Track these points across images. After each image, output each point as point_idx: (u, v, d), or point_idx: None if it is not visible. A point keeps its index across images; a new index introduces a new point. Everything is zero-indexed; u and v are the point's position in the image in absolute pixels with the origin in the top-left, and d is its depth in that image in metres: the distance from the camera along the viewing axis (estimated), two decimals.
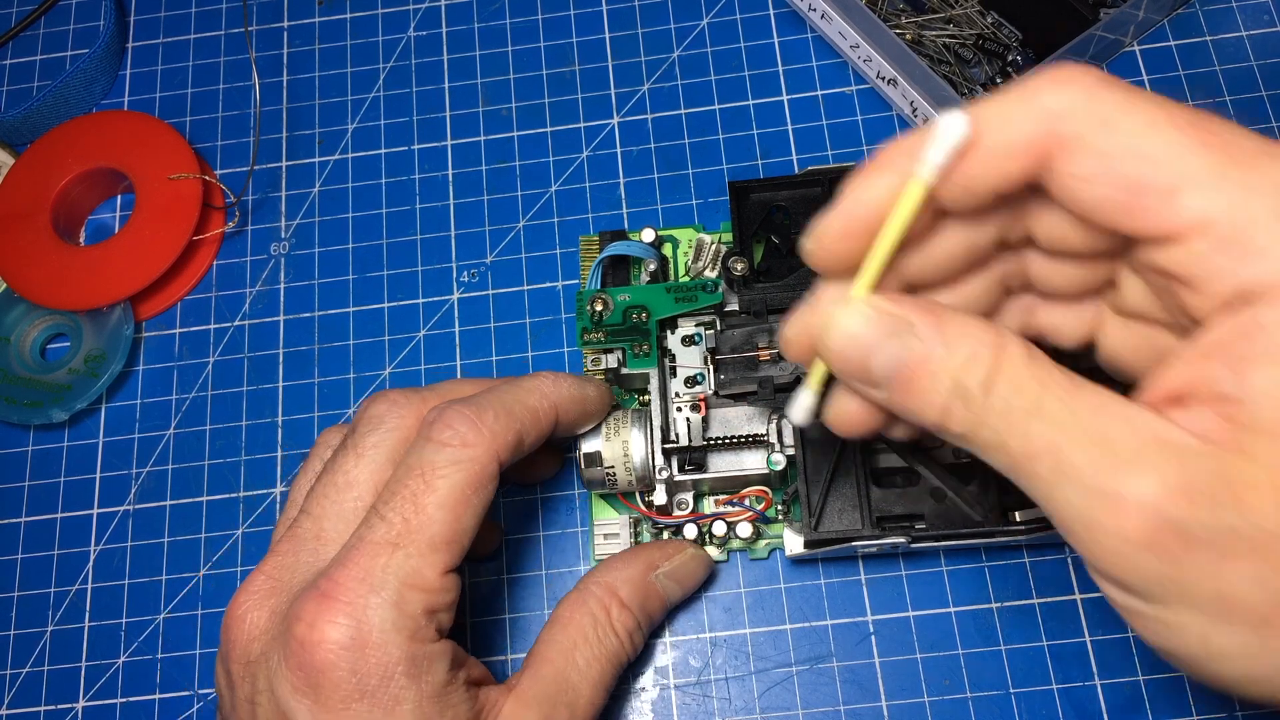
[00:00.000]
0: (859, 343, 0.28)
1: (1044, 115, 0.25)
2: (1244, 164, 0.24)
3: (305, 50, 0.54)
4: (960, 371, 0.26)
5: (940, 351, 0.27)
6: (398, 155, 0.51)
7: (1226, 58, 0.49)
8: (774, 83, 0.50)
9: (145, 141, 0.50)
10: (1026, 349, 0.27)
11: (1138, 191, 0.24)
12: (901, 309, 0.27)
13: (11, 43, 0.56)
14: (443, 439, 0.34)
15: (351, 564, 0.33)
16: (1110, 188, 0.25)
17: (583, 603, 0.38)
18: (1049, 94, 0.25)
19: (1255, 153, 0.24)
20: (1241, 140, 0.24)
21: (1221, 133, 0.24)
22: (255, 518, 0.46)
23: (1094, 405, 0.25)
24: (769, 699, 0.41)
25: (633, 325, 0.42)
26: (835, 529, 0.38)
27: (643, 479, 0.40)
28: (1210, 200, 0.24)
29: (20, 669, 0.45)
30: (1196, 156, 0.24)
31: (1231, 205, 0.24)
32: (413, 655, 0.32)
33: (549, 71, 0.52)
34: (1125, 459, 0.25)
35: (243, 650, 0.34)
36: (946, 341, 0.27)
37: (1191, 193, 0.24)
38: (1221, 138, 0.24)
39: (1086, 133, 0.25)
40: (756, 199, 0.43)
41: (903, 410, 0.28)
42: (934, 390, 0.27)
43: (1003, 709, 0.40)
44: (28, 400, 0.47)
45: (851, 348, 0.28)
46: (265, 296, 0.49)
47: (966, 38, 0.48)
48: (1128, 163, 0.24)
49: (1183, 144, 0.24)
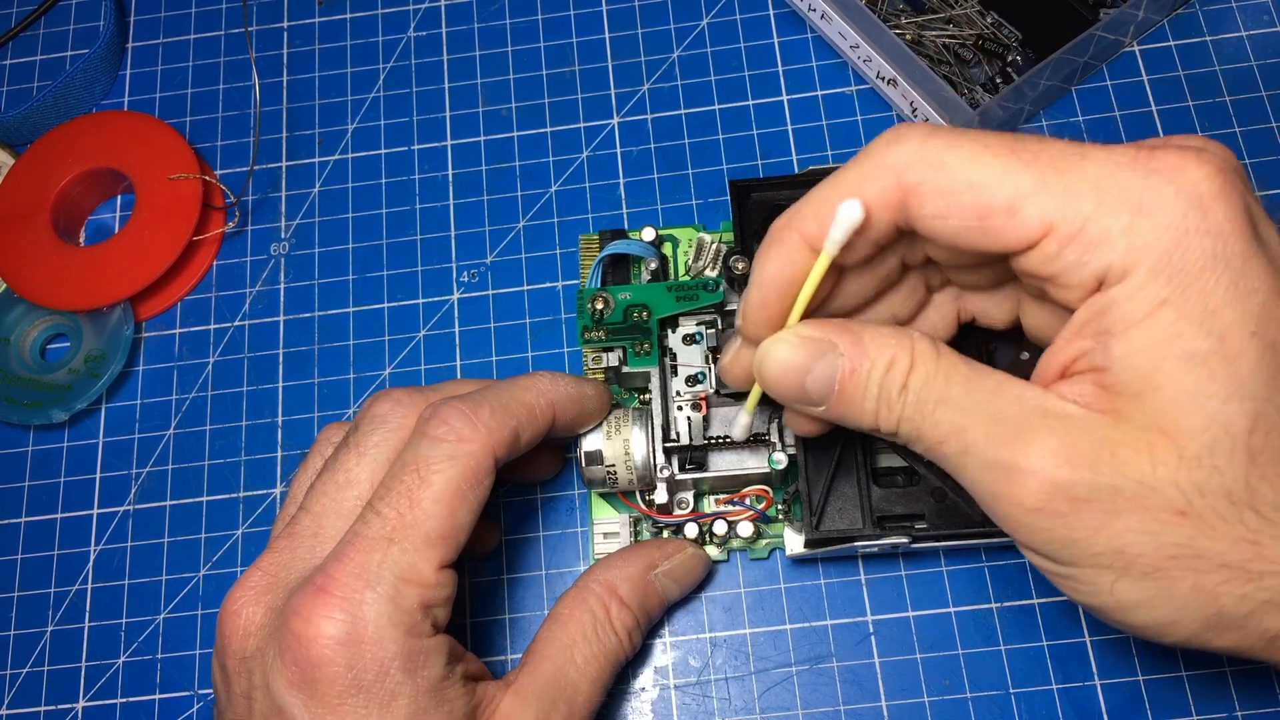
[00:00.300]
0: (793, 368, 0.31)
1: (889, 172, 0.29)
2: (1062, 170, 0.27)
3: (305, 50, 0.54)
4: (881, 378, 0.30)
5: (864, 364, 0.30)
6: (398, 155, 0.51)
7: (1226, 58, 0.49)
8: (774, 83, 0.50)
9: (145, 141, 0.50)
10: (934, 347, 0.30)
11: (983, 215, 0.27)
12: (824, 332, 0.31)
13: (11, 43, 0.56)
14: (438, 434, 0.34)
15: (347, 559, 0.33)
16: (960, 219, 0.28)
17: (582, 600, 0.38)
18: (888, 153, 0.29)
19: (1068, 156, 0.27)
20: (1053, 150, 0.27)
21: (1035, 149, 0.27)
22: (255, 518, 0.46)
23: (991, 388, 0.29)
24: (769, 699, 0.41)
25: (634, 324, 0.42)
26: (836, 528, 0.38)
27: (643, 478, 0.40)
28: (1044, 208, 0.27)
29: (20, 669, 0.45)
30: (1021, 174, 0.27)
31: (1062, 207, 0.26)
32: (409, 650, 0.32)
33: (549, 71, 0.52)
34: (1016, 433, 0.28)
35: (238, 646, 0.34)
36: (866, 354, 0.30)
37: (1027, 206, 0.27)
38: (1036, 153, 0.27)
39: (925, 178, 0.28)
40: (757, 198, 0.43)
41: (841, 419, 0.32)
42: (864, 398, 0.31)
43: (1003, 709, 0.40)
44: (28, 400, 0.47)
45: (787, 374, 0.31)
46: (265, 296, 0.49)
47: (966, 38, 0.48)
48: (966, 194, 0.27)
49: (1006, 166, 0.27)
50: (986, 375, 0.30)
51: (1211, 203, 0.26)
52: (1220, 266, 0.26)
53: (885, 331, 0.31)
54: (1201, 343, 0.26)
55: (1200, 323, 0.26)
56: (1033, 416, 0.28)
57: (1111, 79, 0.49)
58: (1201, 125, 0.47)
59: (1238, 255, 0.26)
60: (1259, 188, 0.46)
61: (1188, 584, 0.27)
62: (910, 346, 0.30)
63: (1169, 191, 0.26)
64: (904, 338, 0.30)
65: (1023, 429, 0.28)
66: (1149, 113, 0.48)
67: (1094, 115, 0.48)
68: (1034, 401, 0.28)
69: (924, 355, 0.30)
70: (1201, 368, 0.26)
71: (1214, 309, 0.26)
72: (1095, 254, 0.26)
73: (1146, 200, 0.26)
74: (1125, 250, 0.26)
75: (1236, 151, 0.46)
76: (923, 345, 0.30)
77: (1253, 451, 0.26)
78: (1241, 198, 0.27)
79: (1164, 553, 0.27)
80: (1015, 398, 0.29)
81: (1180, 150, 0.27)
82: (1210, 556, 0.27)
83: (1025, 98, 0.46)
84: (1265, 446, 0.26)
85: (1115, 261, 0.26)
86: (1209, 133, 0.47)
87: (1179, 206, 0.26)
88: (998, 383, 0.29)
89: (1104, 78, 0.49)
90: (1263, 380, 0.26)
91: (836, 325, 0.31)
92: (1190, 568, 0.27)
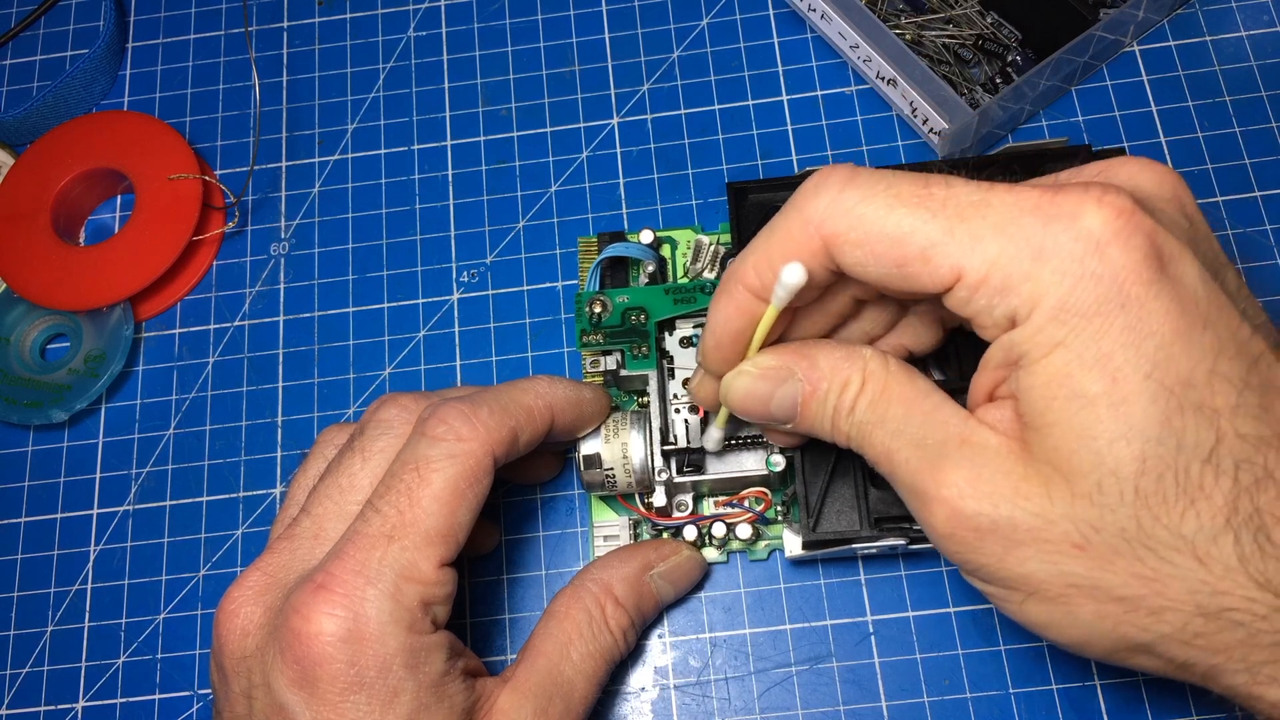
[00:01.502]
0: (756, 397, 0.33)
1: (810, 224, 0.29)
2: (968, 218, 0.28)
3: (305, 50, 0.54)
4: (835, 400, 0.32)
5: (822, 386, 0.32)
6: (398, 155, 0.51)
7: (1226, 58, 0.49)
8: (774, 83, 0.50)
9: (145, 141, 0.50)
10: (884, 368, 0.31)
11: (900, 264, 0.28)
12: (782, 360, 0.33)
13: (11, 43, 0.56)
14: (437, 434, 0.34)
15: (347, 557, 0.33)
16: (880, 266, 0.29)
17: (578, 598, 0.38)
18: (807, 206, 0.29)
19: (974, 204, 0.28)
20: (960, 196, 0.28)
21: (943, 196, 0.28)
22: (255, 518, 0.46)
23: (926, 411, 0.30)
24: (769, 699, 0.41)
25: (631, 327, 0.42)
26: (833, 530, 0.38)
27: (642, 481, 0.40)
28: (953, 257, 0.28)
29: (20, 669, 0.45)
30: (930, 224, 0.28)
31: (968, 256, 0.27)
32: (410, 646, 0.33)
33: (549, 71, 0.52)
34: (934, 461, 0.30)
35: (236, 645, 0.34)
36: (824, 378, 0.32)
37: (938, 255, 0.28)
38: (944, 200, 0.28)
39: (842, 230, 0.29)
40: (755, 200, 0.43)
41: (805, 433, 0.34)
42: (821, 415, 0.32)
43: (1003, 709, 0.40)
44: (28, 400, 0.47)
45: (751, 402, 0.34)
46: (265, 296, 0.49)
47: (966, 38, 0.48)
48: (881, 245, 0.28)
49: (917, 216, 0.28)
50: (924, 397, 0.31)
51: (1107, 247, 0.27)
52: (1114, 311, 0.26)
53: (839, 354, 0.32)
54: (1092, 385, 0.27)
55: (1092, 366, 0.27)
56: (951, 445, 0.29)
57: (1111, 79, 0.49)
58: (1201, 125, 0.47)
59: (1134, 299, 0.26)
60: (1258, 188, 0.46)
61: (1090, 611, 0.28)
62: (862, 367, 0.32)
63: (1066, 239, 0.27)
64: (856, 359, 0.32)
65: (939, 458, 0.29)
66: (1149, 113, 0.48)
67: (1094, 115, 0.48)
68: (956, 429, 0.30)
69: (873, 376, 0.31)
70: (1090, 410, 0.27)
71: (1107, 352, 0.27)
72: (1002, 299, 0.27)
73: (1046, 246, 0.27)
74: (1027, 296, 0.27)
75: (1236, 151, 0.47)
76: (873, 366, 0.32)
77: (1143, 493, 0.27)
78: (1146, 239, 0.27)
79: (1064, 581, 0.28)
80: (943, 423, 0.30)
81: (1082, 192, 0.27)
82: (1109, 589, 0.28)
83: (1025, 98, 0.46)
84: (1157, 489, 0.27)
85: (1019, 306, 0.27)
86: (1209, 133, 0.47)
87: (1076, 252, 0.27)
88: (934, 405, 0.31)
89: (1104, 78, 0.49)
90: (1154, 423, 0.26)
91: (793, 351, 0.33)
92: (1091, 597, 0.28)
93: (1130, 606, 0.28)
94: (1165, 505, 0.27)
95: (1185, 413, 0.26)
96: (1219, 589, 0.27)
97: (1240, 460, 0.27)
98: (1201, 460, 0.26)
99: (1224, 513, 0.26)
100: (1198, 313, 0.27)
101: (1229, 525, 0.26)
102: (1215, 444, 0.26)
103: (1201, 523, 0.27)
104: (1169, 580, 0.27)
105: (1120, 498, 0.27)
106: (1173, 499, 0.27)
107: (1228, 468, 0.26)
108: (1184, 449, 0.26)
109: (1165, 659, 0.28)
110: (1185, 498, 0.27)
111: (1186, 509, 0.27)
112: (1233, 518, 0.26)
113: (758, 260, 0.31)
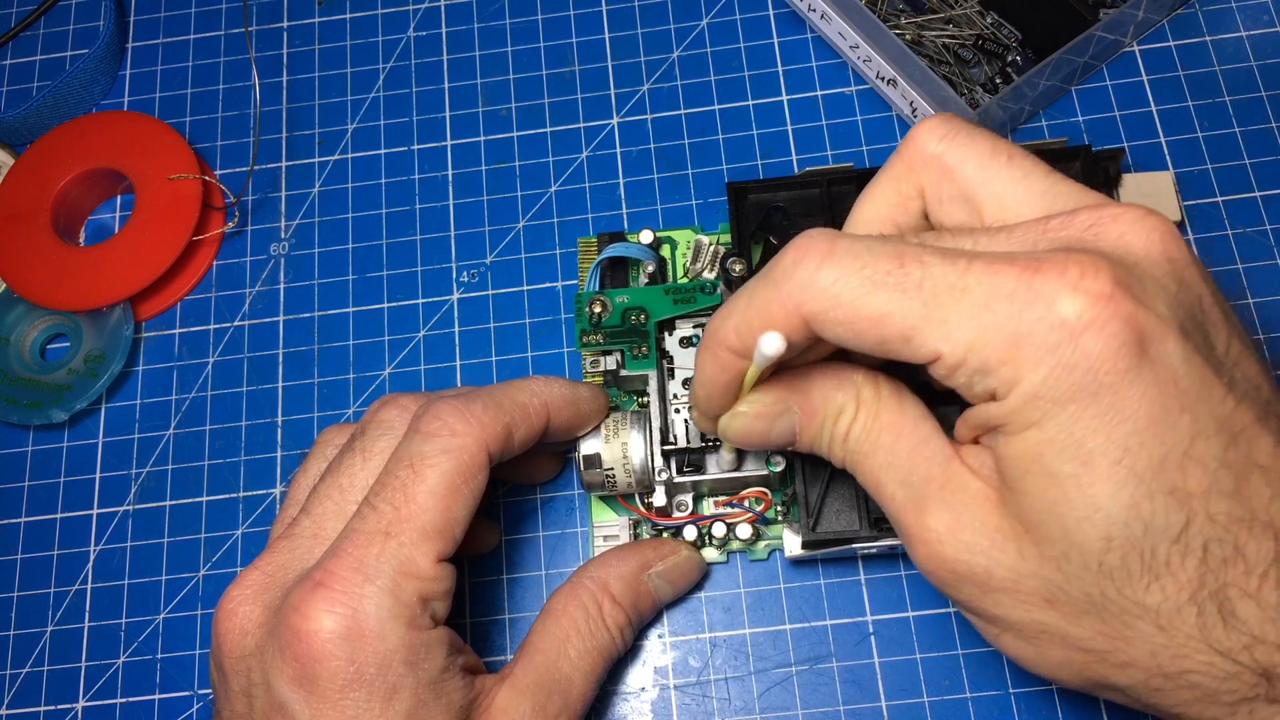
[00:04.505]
0: (754, 433, 0.34)
1: (790, 303, 0.29)
2: (944, 302, 0.27)
3: (305, 50, 0.54)
4: (831, 427, 0.33)
5: (817, 418, 0.33)
6: (398, 155, 0.51)
7: (1226, 58, 0.48)
8: (774, 83, 0.50)
9: (145, 141, 0.50)
10: (876, 395, 0.32)
11: (882, 344, 0.28)
12: (776, 396, 0.33)
13: (11, 43, 0.56)
14: (431, 430, 0.35)
15: (345, 554, 0.33)
16: (861, 343, 0.29)
17: (575, 596, 0.38)
18: (786, 282, 0.29)
19: (950, 289, 0.27)
20: (936, 276, 0.28)
21: (919, 276, 0.28)
22: (255, 518, 0.46)
23: (914, 444, 0.31)
24: (769, 699, 0.41)
25: (631, 327, 0.42)
26: (833, 530, 0.38)
27: (642, 481, 0.40)
28: (931, 341, 0.28)
29: (20, 669, 0.45)
30: (908, 306, 0.28)
31: (945, 340, 0.27)
32: (410, 643, 0.33)
33: (549, 71, 0.52)
34: (917, 502, 0.30)
35: (235, 644, 0.34)
36: (817, 411, 0.33)
37: (917, 339, 0.28)
38: (919, 281, 0.28)
39: (820, 310, 0.29)
40: (755, 200, 0.43)
41: (804, 450, 0.34)
42: (818, 443, 0.33)
43: (1003, 709, 0.40)
44: (28, 400, 0.47)
45: (750, 437, 0.34)
46: (265, 296, 0.49)
47: (966, 38, 0.48)
48: (861, 325, 0.28)
49: (894, 299, 0.28)
50: (913, 427, 0.31)
51: (1082, 335, 0.26)
52: (1088, 398, 0.26)
53: (831, 383, 0.33)
54: (1063, 467, 0.27)
55: (1063, 449, 0.27)
56: (933, 486, 0.30)
57: (1111, 79, 0.49)
58: (1201, 125, 0.47)
59: (1109, 387, 0.26)
60: (1258, 188, 0.46)
61: (1059, 655, 0.29)
62: (855, 395, 0.32)
63: (1041, 327, 0.27)
64: (848, 387, 0.32)
65: (922, 499, 0.30)
66: (1149, 113, 0.48)
67: (1094, 115, 0.48)
68: (940, 469, 0.30)
69: (865, 404, 0.32)
70: (1059, 488, 0.27)
71: (1079, 438, 0.27)
72: (980, 379, 0.28)
73: (1021, 332, 0.27)
74: (1004, 378, 0.27)
75: (1236, 151, 0.47)
76: (865, 393, 0.32)
77: (1107, 568, 0.27)
78: (1124, 325, 0.26)
79: (1035, 628, 0.29)
80: (928, 458, 0.31)
81: (1060, 275, 0.27)
82: (1076, 640, 0.29)
83: (1025, 98, 0.46)
84: (1122, 566, 0.27)
85: (998, 386, 0.27)
86: (1208, 133, 0.47)
87: (1050, 341, 0.26)
88: (921, 437, 0.31)
89: (1104, 78, 0.49)
90: (1121, 507, 0.26)
91: (785, 386, 0.33)
92: (1060, 644, 0.29)
93: (1096, 658, 0.29)
94: (1129, 580, 0.27)
95: (1155, 497, 0.26)
96: (1180, 654, 0.27)
97: (1210, 539, 0.27)
98: (1170, 541, 0.27)
99: (1189, 588, 0.27)
100: (1176, 394, 0.27)
101: (1193, 600, 0.27)
102: (1185, 525, 0.26)
103: (1166, 596, 0.27)
104: (1132, 641, 0.28)
105: (1085, 569, 0.27)
106: (1137, 575, 0.27)
107: (1196, 547, 0.27)
108: (1151, 531, 0.27)
109: (1132, 699, 0.29)
110: (1150, 574, 0.27)
111: (1151, 583, 0.27)
112: (1197, 593, 0.27)
113: (738, 325, 0.31)
